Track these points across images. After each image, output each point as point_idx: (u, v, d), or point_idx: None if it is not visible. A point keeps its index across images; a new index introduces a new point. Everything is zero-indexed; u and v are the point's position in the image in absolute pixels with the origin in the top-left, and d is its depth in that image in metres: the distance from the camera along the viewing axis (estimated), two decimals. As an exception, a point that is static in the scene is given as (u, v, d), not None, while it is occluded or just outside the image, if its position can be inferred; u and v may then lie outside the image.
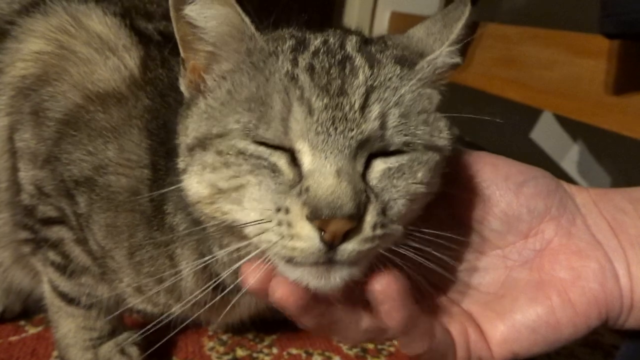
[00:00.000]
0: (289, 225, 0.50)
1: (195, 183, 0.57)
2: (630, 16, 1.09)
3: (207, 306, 0.68)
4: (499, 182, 0.63)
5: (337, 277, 0.52)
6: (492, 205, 0.63)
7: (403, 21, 2.26)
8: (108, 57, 0.75)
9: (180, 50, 0.61)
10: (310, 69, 0.54)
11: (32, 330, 0.97)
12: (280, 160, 0.53)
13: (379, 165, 0.54)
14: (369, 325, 0.57)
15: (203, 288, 0.67)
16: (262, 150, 0.54)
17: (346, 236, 0.50)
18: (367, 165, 0.54)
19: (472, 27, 0.61)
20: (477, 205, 0.63)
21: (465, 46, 0.61)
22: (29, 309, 1.00)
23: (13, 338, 0.95)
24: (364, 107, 0.53)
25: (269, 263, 0.53)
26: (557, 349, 0.62)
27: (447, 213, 0.64)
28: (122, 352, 0.87)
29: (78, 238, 0.77)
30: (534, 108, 1.71)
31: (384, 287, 0.53)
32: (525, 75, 1.62)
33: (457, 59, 0.61)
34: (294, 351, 0.98)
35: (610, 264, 0.60)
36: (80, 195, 0.74)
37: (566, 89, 1.47)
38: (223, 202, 0.55)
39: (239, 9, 0.57)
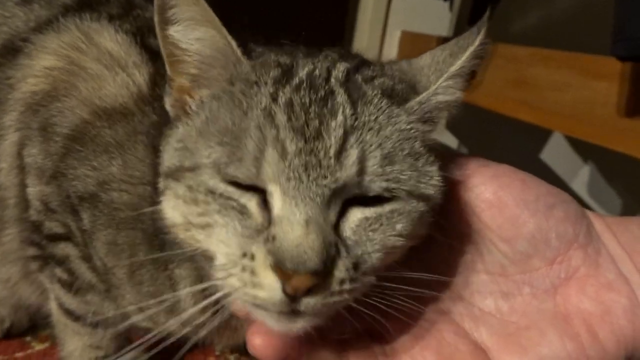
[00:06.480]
0: (253, 273, 0.48)
1: (171, 209, 0.55)
2: (643, 39, 1.08)
3: (206, 328, 0.67)
4: (529, 202, 0.57)
5: (299, 325, 0.50)
6: (520, 225, 0.57)
7: (413, 41, 2.25)
8: (117, 73, 0.74)
9: (167, 69, 0.59)
10: (289, 106, 0.50)
11: (38, 347, 0.97)
12: (251, 202, 0.51)
13: (356, 215, 0.51)
14: None
15: (201, 310, 0.67)
16: (232, 191, 0.51)
17: (310, 291, 0.47)
18: (343, 213, 0.50)
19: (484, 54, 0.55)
20: (504, 223, 0.57)
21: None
22: (36, 325, 0.99)
23: (19, 354, 0.95)
24: (340, 152, 0.49)
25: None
26: None
27: (465, 231, 0.59)
28: (128, 371, 0.86)
29: (83, 255, 0.77)
30: (544, 128, 1.70)
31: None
32: (537, 96, 1.61)
33: (456, 96, 0.56)
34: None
35: (637, 299, 0.56)
36: (84, 211, 0.73)
37: (578, 112, 1.46)
38: (195, 232, 0.53)
39: (225, 32, 0.54)
